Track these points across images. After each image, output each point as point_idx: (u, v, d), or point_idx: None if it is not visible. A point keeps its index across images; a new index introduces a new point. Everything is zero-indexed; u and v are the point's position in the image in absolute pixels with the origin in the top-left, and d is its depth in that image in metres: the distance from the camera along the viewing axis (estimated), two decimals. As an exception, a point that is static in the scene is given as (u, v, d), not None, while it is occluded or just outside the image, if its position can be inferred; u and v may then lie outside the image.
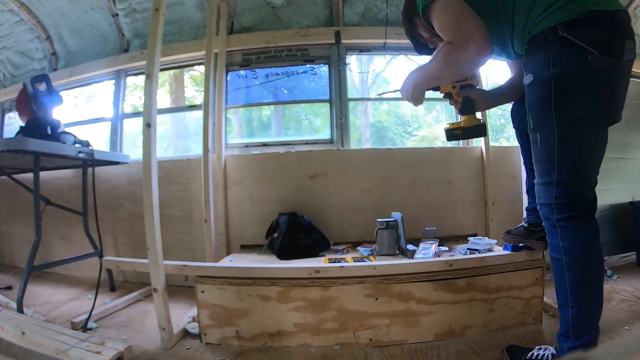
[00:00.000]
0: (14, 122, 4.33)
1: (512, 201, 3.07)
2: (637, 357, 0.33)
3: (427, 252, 2.34)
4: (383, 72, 4.13)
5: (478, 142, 3.37)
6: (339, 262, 2.25)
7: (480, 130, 2.01)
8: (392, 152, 3.24)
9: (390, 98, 3.82)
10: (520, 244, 2.08)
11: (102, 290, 2.90)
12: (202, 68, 3.57)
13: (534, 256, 2.10)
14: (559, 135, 1.47)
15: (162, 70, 3.78)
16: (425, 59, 1.91)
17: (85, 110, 4.33)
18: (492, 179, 3.19)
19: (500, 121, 4.35)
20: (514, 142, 3.48)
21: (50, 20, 4.04)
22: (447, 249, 2.53)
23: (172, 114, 4.39)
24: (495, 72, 4.02)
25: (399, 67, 3.92)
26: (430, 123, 4.42)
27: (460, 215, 3.22)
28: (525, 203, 2.49)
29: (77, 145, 2.68)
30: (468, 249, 2.44)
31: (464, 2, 1.60)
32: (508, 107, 2.09)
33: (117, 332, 2.25)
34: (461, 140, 3.42)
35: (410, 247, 2.44)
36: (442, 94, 2.04)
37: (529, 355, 1.69)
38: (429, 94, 1.95)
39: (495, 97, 2.04)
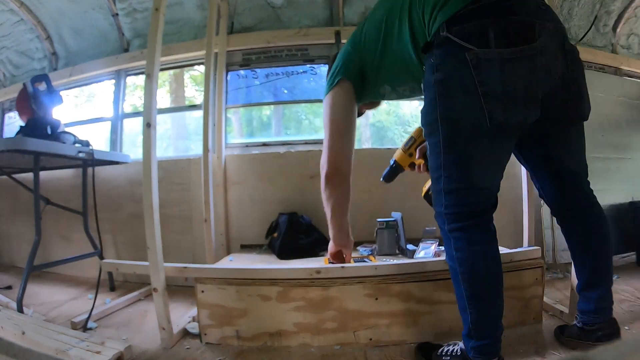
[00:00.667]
0: (14, 121, 4.33)
1: (512, 201, 3.05)
2: (636, 358, 0.33)
3: (427, 252, 2.34)
4: (383, 72, 4.12)
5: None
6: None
7: None
8: (392, 152, 3.24)
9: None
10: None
11: (102, 290, 2.90)
12: (202, 68, 3.57)
13: (533, 256, 2.10)
14: (444, 143, 1.40)
15: (162, 70, 3.78)
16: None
17: (85, 110, 4.34)
18: (492, 178, 3.17)
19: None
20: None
21: (50, 19, 4.04)
22: (447, 248, 2.53)
23: (172, 114, 4.40)
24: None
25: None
26: (431, 123, 4.41)
27: (460, 215, 3.21)
28: (526, 204, 2.50)
29: (77, 145, 2.68)
30: (468, 248, 2.44)
31: (336, 104, 1.76)
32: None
33: (117, 331, 2.24)
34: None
35: (410, 246, 2.44)
36: (408, 169, 2.08)
37: (440, 351, 1.69)
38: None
39: None
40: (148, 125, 1.95)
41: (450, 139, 1.39)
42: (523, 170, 2.55)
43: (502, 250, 2.27)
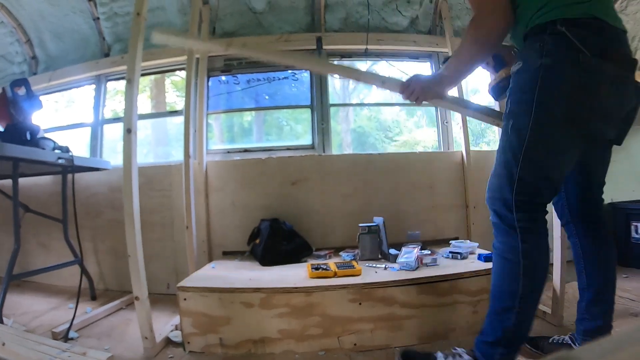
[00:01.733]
0: (-9, 127, 4.26)
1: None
2: (618, 355, 0.34)
3: (409, 256, 2.35)
4: (364, 78, 4.14)
5: (458, 147, 3.41)
6: (324, 267, 2.26)
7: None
8: (373, 158, 3.27)
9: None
10: None
11: (83, 299, 2.85)
12: (183, 73, 3.55)
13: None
14: (533, 127, 1.39)
15: (143, 75, 3.75)
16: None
17: (65, 116, 4.27)
18: (473, 183, 3.24)
19: (480, 126, 4.40)
20: (494, 147, 3.52)
21: (31, 23, 3.98)
22: (429, 252, 2.55)
23: (153, 120, 4.35)
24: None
25: (379, 72, 3.95)
26: (411, 128, 4.44)
27: (442, 219, 3.25)
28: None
29: (56, 151, 2.64)
30: (450, 252, 2.47)
31: None
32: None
33: (99, 341, 2.22)
34: (445, 137, 3.51)
35: (392, 251, 2.46)
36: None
37: None
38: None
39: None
40: (128, 131, 1.94)
41: (541, 124, 1.39)
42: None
43: (484, 252, 2.31)
